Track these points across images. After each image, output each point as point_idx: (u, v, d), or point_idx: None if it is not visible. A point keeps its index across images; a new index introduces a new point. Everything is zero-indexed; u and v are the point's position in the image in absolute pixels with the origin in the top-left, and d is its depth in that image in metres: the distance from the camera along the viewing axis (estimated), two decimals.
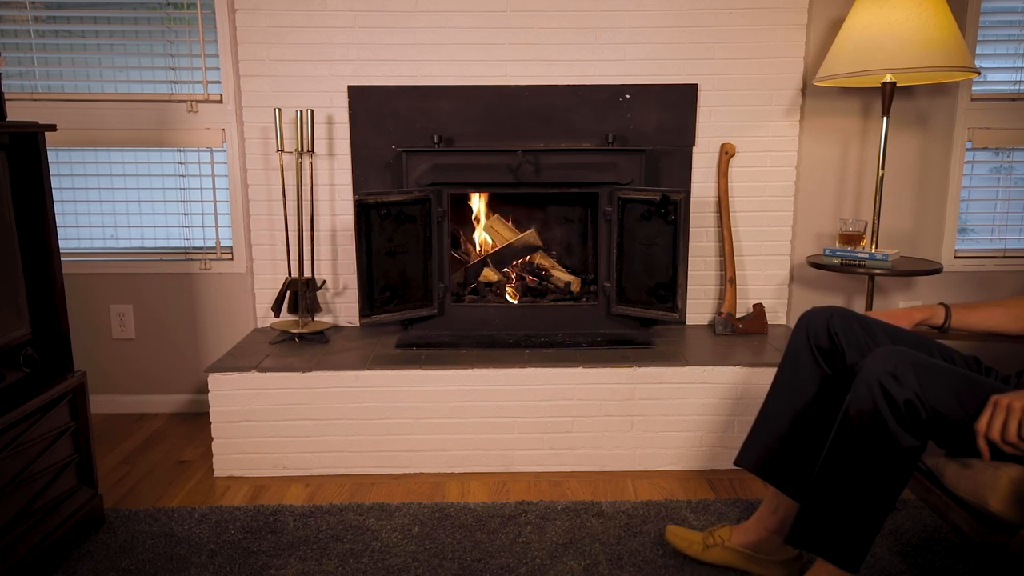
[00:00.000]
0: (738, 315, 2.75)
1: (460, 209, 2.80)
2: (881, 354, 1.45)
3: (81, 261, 2.81)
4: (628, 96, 2.63)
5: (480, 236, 2.83)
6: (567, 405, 2.36)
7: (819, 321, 1.72)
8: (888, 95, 2.40)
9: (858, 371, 1.47)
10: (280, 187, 2.63)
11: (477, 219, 2.83)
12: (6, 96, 1.82)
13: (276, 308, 2.60)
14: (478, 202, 2.80)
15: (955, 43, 2.25)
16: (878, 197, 2.48)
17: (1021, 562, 1.23)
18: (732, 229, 2.73)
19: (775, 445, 1.75)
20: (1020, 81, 2.74)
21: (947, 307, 1.78)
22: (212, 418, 2.34)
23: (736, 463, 1.81)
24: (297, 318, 2.63)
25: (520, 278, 2.76)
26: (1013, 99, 2.74)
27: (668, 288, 2.48)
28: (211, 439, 2.35)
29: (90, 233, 2.84)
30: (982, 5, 2.65)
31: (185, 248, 2.85)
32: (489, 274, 2.75)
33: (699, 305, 2.81)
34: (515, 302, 2.67)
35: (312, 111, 2.56)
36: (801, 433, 1.73)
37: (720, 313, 2.74)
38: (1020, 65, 2.73)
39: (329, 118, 2.66)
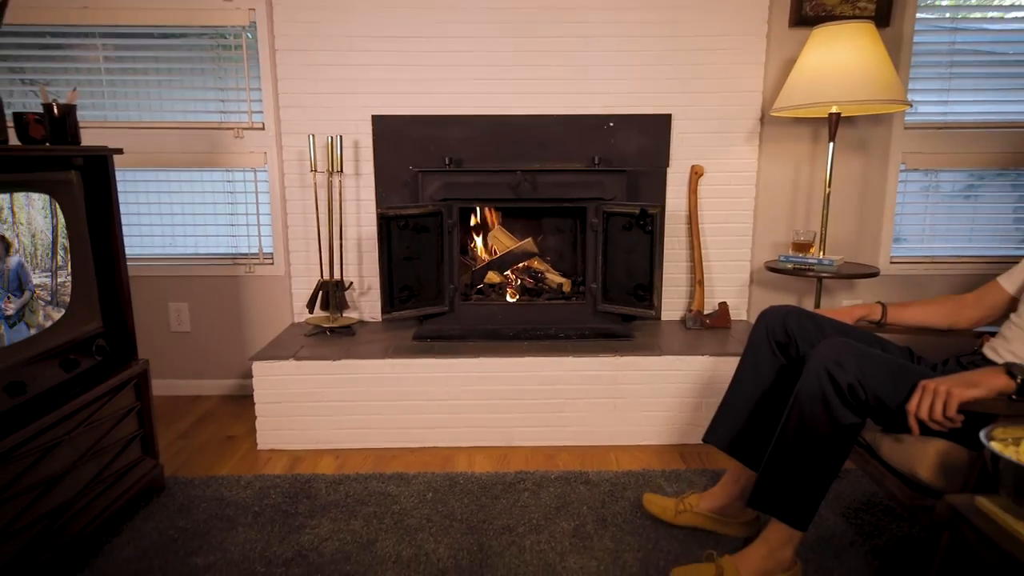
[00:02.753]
0: (706, 312, 2.76)
1: (469, 220, 2.81)
2: (828, 344, 1.46)
3: (144, 265, 2.82)
4: (612, 124, 2.63)
5: (484, 242, 2.84)
6: (560, 389, 2.37)
7: (776, 318, 1.73)
8: (834, 124, 2.41)
9: (808, 359, 1.48)
10: (313, 202, 2.64)
11: (481, 230, 2.84)
12: (80, 124, 1.83)
13: (310, 306, 2.61)
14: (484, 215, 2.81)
15: (891, 80, 2.26)
16: (825, 211, 2.49)
17: (945, 522, 1.25)
18: (701, 238, 2.74)
19: (738, 424, 1.76)
20: (945, 112, 2.75)
21: (884, 305, 1.78)
22: (256, 399, 2.35)
23: (704, 440, 1.81)
24: (328, 314, 2.64)
25: (519, 280, 2.77)
26: (940, 128, 2.75)
27: (646, 289, 2.49)
28: (255, 417, 2.36)
29: (152, 241, 2.85)
30: (914, 47, 2.66)
31: (232, 254, 2.86)
32: (493, 276, 2.76)
33: (672, 303, 2.82)
34: (515, 301, 2.67)
35: (341, 137, 2.56)
36: (760, 414, 1.73)
37: (690, 310, 2.74)
38: (945, 99, 2.74)
39: (356, 143, 2.66)
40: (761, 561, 1.55)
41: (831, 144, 2.43)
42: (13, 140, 1.73)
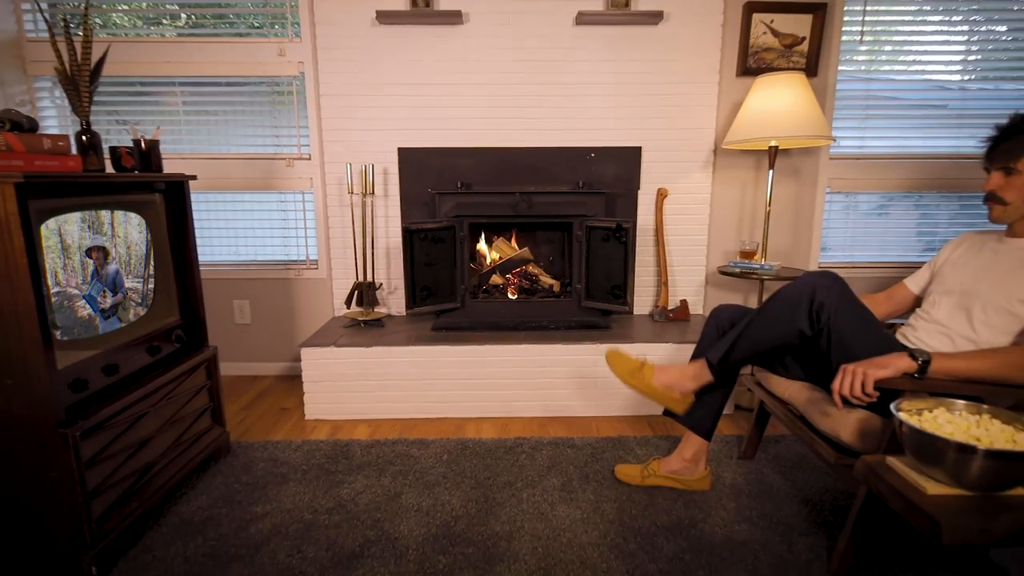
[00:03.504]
0: (669, 307, 2.77)
1: (477, 234, 2.81)
2: (827, 272, 1.46)
3: (214, 269, 2.82)
4: (593, 155, 2.64)
5: (490, 252, 2.85)
6: (551, 370, 2.37)
7: (725, 315, 1.74)
8: (773, 155, 2.42)
9: (807, 273, 1.48)
10: (350, 218, 2.64)
11: (489, 240, 2.84)
12: (163, 156, 1.84)
13: (347, 302, 2.61)
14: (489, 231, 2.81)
15: (818, 118, 2.27)
16: (766, 225, 2.50)
17: (862, 477, 1.26)
18: (666, 248, 2.75)
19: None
20: (862, 146, 2.76)
21: None
22: (304, 379, 2.35)
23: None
24: (362, 309, 2.64)
25: (518, 281, 2.78)
26: (857, 158, 2.76)
27: (621, 289, 2.49)
28: (303, 393, 2.37)
29: (220, 250, 2.85)
30: (836, 93, 2.67)
31: (285, 261, 2.86)
32: (496, 279, 2.77)
33: (642, 301, 2.83)
34: (514, 298, 2.68)
35: (373, 165, 2.57)
36: (707, 390, 1.74)
37: (657, 306, 2.75)
38: (862, 135, 2.75)
39: (385, 170, 2.67)
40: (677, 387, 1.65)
41: (770, 171, 2.44)
42: (109, 169, 1.74)
